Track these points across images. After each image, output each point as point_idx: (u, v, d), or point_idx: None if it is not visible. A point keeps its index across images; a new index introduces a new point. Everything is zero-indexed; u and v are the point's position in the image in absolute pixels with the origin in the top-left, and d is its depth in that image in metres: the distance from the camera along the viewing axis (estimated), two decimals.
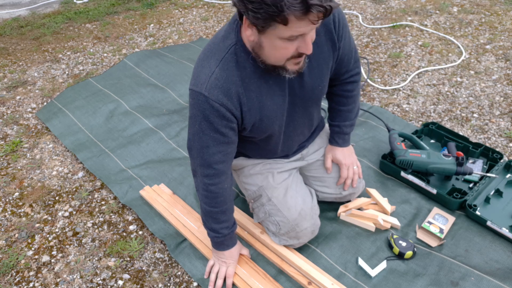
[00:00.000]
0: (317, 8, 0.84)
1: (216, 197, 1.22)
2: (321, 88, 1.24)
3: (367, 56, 2.66)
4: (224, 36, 1.08)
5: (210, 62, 1.07)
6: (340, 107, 1.43)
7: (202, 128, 1.11)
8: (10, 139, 2.17)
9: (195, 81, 1.08)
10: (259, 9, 0.86)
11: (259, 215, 1.43)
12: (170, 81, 2.47)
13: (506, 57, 2.54)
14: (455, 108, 2.17)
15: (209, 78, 1.05)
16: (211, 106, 1.06)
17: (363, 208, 1.59)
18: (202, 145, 1.14)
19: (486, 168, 1.71)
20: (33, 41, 3.17)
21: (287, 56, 0.99)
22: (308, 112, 1.30)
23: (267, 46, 0.98)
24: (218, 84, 1.06)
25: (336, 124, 1.46)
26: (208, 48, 1.11)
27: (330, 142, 1.50)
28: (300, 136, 1.39)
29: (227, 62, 1.06)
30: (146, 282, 1.44)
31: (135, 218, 1.68)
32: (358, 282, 1.36)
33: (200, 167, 1.19)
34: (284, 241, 1.42)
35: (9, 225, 1.70)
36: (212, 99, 1.06)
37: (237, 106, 1.10)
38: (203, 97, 1.06)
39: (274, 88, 1.14)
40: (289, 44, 0.95)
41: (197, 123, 1.11)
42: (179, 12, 3.54)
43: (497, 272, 1.35)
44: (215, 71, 1.06)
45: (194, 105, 1.09)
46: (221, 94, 1.06)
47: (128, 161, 1.94)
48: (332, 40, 1.16)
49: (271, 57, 1.01)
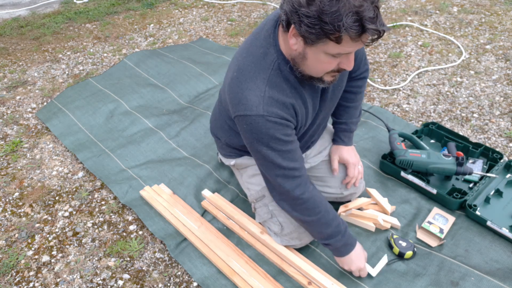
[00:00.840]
0: (373, 32, 0.86)
1: (313, 202, 1.20)
2: (340, 89, 1.27)
3: (367, 56, 2.66)
4: (264, 52, 1.07)
5: (257, 83, 1.06)
6: (348, 104, 1.44)
7: (272, 147, 1.10)
8: (10, 139, 2.17)
9: (245, 106, 1.06)
10: (315, 25, 0.88)
11: (262, 215, 1.43)
12: (170, 81, 2.47)
13: (506, 57, 2.54)
14: (455, 108, 2.17)
15: (263, 99, 1.05)
16: (274, 122, 1.06)
17: (363, 208, 1.59)
18: (278, 162, 1.12)
19: (486, 168, 1.71)
20: (33, 41, 3.17)
21: (328, 70, 1.01)
22: (328, 116, 1.34)
23: (311, 58, 0.99)
24: (273, 102, 1.06)
25: (343, 121, 1.46)
26: (248, 68, 1.08)
27: (335, 141, 1.50)
28: (314, 137, 1.41)
29: (274, 79, 1.07)
30: (146, 282, 1.44)
31: (135, 218, 1.68)
32: (358, 282, 1.36)
33: (285, 180, 1.16)
34: (286, 242, 1.42)
35: (9, 225, 1.70)
36: (273, 117, 1.06)
37: (293, 116, 1.12)
38: (263, 119, 1.05)
39: (312, 95, 1.16)
40: (333, 60, 0.97)
41: (264, 146, 1.10)
42: (179, 12, 3.54)
43: (497, 272, 1.35)
44: (266, 90, 1.05)
45: (255, 129, 1.07)
46: (279, 109, 1.07)
47: (128, 161, 1.94)
48: None
49: (312, 69, 1.02)
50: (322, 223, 1.23)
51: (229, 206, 1.61)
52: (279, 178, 1.16)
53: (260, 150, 1.12)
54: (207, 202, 1.67)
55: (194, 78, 2.48)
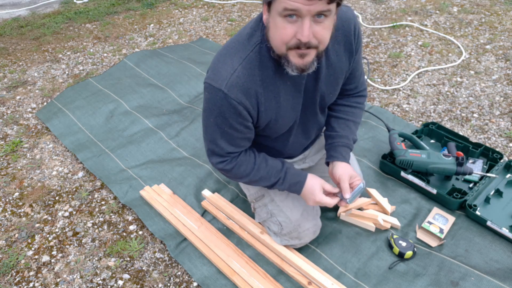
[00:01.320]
0: None
1: (237, 170, 1.23)
2: (332, 96, 1.25)
3: (367, 56, 2.66)
4: (250, 34, 1.08)
5: (233, 60, 1.06)
6: (348, 117, 1.37)
7: (217, 123, 1.11)
8: (10, 139, 2.17)
9: (214, 76, 1.07)
10: None
11: (261, 215, 1.43)
12: (170, 81, 2.47)
13: (506, 57, 2.54)
14: (455, 108, 2.17)
15: (231, 76, 1.05)
16: (229, 103, 1.06)
17: (363, 208, 1.59)
18: (215, 137, 1.15)
19: (486, 168, 1.71)
20: (33, 41, 3.17)
21: (286, 39, 0.96)
22: (317, 117, 1.30)
23: (272, 27, 0.98)
24: (239, 83, 1.05)
25: (344, 135, 1.35)
26: (232, 44, 1.09)
27: (336, 158, 1.32)
28: (308, 139, 1.39)
29: (250, 61, 1.06)
30: (146, 282, 1.44)
31: (135, 218, 1.68)
32: (358, 282, 1.36)
33: (212, 154, 1.21)
34: (286, 241, 1.42)
35: (9, 225, 1.70)
36: (231, 97, 1.05)
37: (255, 105, 1.10)
38: (222, 94, 1.05)
39: (292, 89, 1.14)
40: (288, 25, 0.93)
41: (212, 117, 1.11)
42: (179, 12, 3.54)
43: (497, 272, 1.35)
44: (237, 69, 1.05)
45: (211, 99, 1.09)
46: (241, 93, 1.06)
47: (128, 161, 1.94)
48: (350, 51, 1.17)
49: (274, 40, 0.99)
50: (256, 180, 1.25)
51: (229, 206, 1.61)
52: (209, 151, 1.21)
53: (207, 119, 1.14)
54: (207, 202, 1.67)
55: (194, 78, 2.48)
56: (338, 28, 1.11)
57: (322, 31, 0.94)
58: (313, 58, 1.00)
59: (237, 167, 1.22)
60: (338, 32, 1.12)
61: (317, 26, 0.93)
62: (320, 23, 0.93)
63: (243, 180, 1.28)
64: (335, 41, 1.13)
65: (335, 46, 1.14)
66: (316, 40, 0.95)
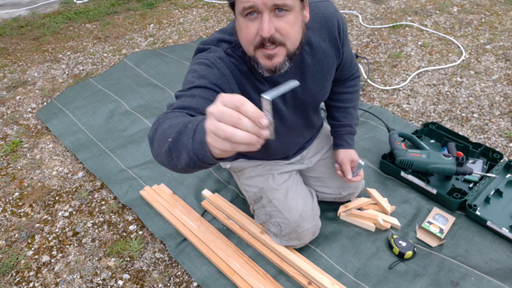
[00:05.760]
0: None
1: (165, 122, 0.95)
2: (323, 93, 1.24)
3: (367, 56, 2.66)
4: (221, 38, 1.07)
5: (223, 45, 1.05)
6: (347, 105, 1.41)
7: (190, 70, 1.02)
8: (10, 139, 2.16)
9: (206, 41, 1.06)
10: None
11: (260, 216, 1.43)
12: (170, 81, 2.47)
13: (506, 57, 2.54)
14: (455, 108, 2.16)
15: (221, 51, 1.02)
16: (209, 66, 1.00)
17: (363, 208, 1.59)
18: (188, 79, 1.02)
19: (486, 168, 1.71)
20: (33, 41, 3.17)
21: (250, 38, 0.93)
22: (308, 115, 1.29)
23: (238, 29, 0.97)
24: (226, 61, 1.02)
25: (347, 123, 1.41)
26: (226, 29, 1.08)
27: (342, 146, 1.42)
28: (300, 138, 1.39)
29: (232, 53, 1.04)
30: (146, 282, 1.44)
31: (135, 218, 1.68)
32: (358, 282, 1.36)
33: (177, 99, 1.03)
34: (285, 242, 1.42)
35: (9, 225, 1.70)
36: (215, 65, 1.00)
37: (228, 86, 1.03)
38: (209, 54, 1.02)
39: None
40: (250, 23, 0.91)
41: (190, 65, 1.04)
42: (179, 12, 3.54)
43: (497, 272, 1.35)
44: (221, 55, 1.02)
45: (196, 53, 1.06)
46: (226, 68, 1.01)
47: (128, 161, 1.94)
48: (336, 46, 1.17)
49: (241, 41, 0.98)
50: (164, 129, 0.97)
51: (229, 206, 1.61)
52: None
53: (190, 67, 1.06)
54: (207, 202, 1.67)
55: None
56: (322, 25, 1.11)
57: (286, 26, 0.91)
58: (283, 59, 0.95)
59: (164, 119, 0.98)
60: (322, 29, 1.11)
61: (279, 21, 0.90)
62: (282, 17, 0.90)
63: (156, 136, 0.93)
64: (320, 38, 1.12)
65: (320, 43, 1.12)
66: (281, 35, 0.92)
